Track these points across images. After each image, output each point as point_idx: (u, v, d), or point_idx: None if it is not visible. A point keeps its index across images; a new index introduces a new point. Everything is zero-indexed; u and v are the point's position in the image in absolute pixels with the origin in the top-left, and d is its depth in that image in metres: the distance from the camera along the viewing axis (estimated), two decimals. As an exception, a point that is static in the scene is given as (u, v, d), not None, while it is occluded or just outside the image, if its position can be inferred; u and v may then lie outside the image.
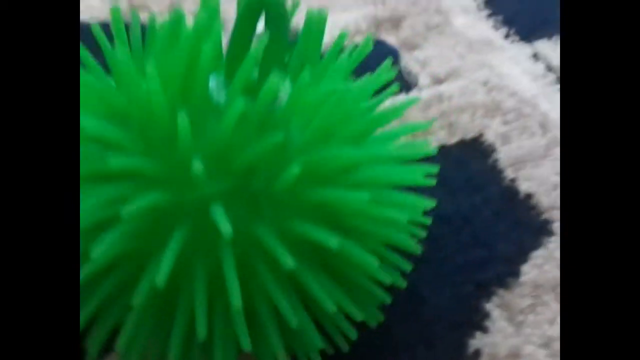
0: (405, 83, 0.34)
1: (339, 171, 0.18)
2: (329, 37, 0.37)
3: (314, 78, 0.19)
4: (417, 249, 0.20)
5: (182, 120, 0.16)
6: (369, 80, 0.21)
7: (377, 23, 0.38)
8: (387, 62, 0.23)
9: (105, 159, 0.16)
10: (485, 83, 0.33)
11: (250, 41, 0.19)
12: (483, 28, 0.37)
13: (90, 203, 0.16)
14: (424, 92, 0.33)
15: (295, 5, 0.22)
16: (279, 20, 0.18)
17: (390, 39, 0.37)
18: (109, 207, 0.17)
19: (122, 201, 0.17)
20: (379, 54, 0.36)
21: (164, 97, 0.17)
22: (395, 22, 0.38)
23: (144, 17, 0.41)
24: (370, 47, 0.22)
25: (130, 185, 0.17)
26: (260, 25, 0.20)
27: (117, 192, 0.16)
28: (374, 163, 0.19)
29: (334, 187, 0.17)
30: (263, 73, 0.19)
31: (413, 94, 0.33)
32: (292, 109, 0.18)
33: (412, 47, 0.36)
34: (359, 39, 0.37)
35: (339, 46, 0.21)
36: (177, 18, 0.20)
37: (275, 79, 0.16)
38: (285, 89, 0.20)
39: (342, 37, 0.21)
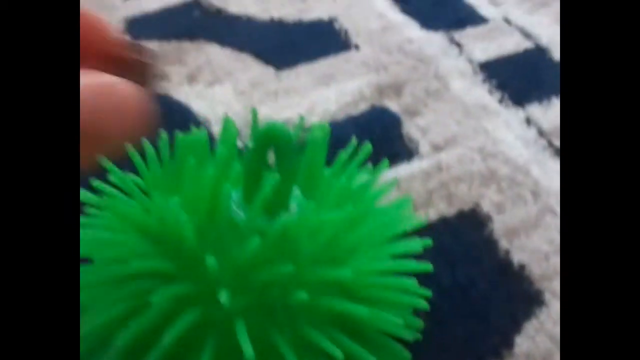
0: (407, 150, 0.37)
1: (342, 284, 0.21)
2: (335, 105, 0.40)
3: (318, 200, 0.22)
4: (417, 336, 0.23)
5: (211, 261, 0.19)
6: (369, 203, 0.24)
7: (380, 90, 0.41)
8: (383, 164, 0.25)
9: (148, 294, 0.19)
10: (481, 150, 0.36)
11: (264, 164, 0.22)
12: (479, 93, 0.40)
13: (136, 325, 0.20)
14: (424, 160, 0.36)
15: (301, 120, 0.25)
16: (287, 153, 0.21)
17: (393, 105, 0.40)
18: (153, 330, 0.20)
19: (162, 322, 0.20)
20: (383, 121, 0.39)
21: (191, 225, 0.20)
22: (397, 88, 0.41)
23: (164, 86, 0.44)
24: (369, 155, 0.25)
25: (169, 308, 0.20)
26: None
27: (159, 316, 0.20)
28: (373, 272, 0.22)
29: (339, 300, 0.20)
30: (277, 192, 0.22)
31: (414, 162, 0.36)
32: (301, 232, 0.21)
33: (413, 113, 0.39)
34: (363, 106, 0.40)
35: (339, 166, 0.24)
36: (201, 144, 0.23)
37: (285, 217, 0.19)
38: (295, 198, 0.23)
39: (340, 158, 0.24)
